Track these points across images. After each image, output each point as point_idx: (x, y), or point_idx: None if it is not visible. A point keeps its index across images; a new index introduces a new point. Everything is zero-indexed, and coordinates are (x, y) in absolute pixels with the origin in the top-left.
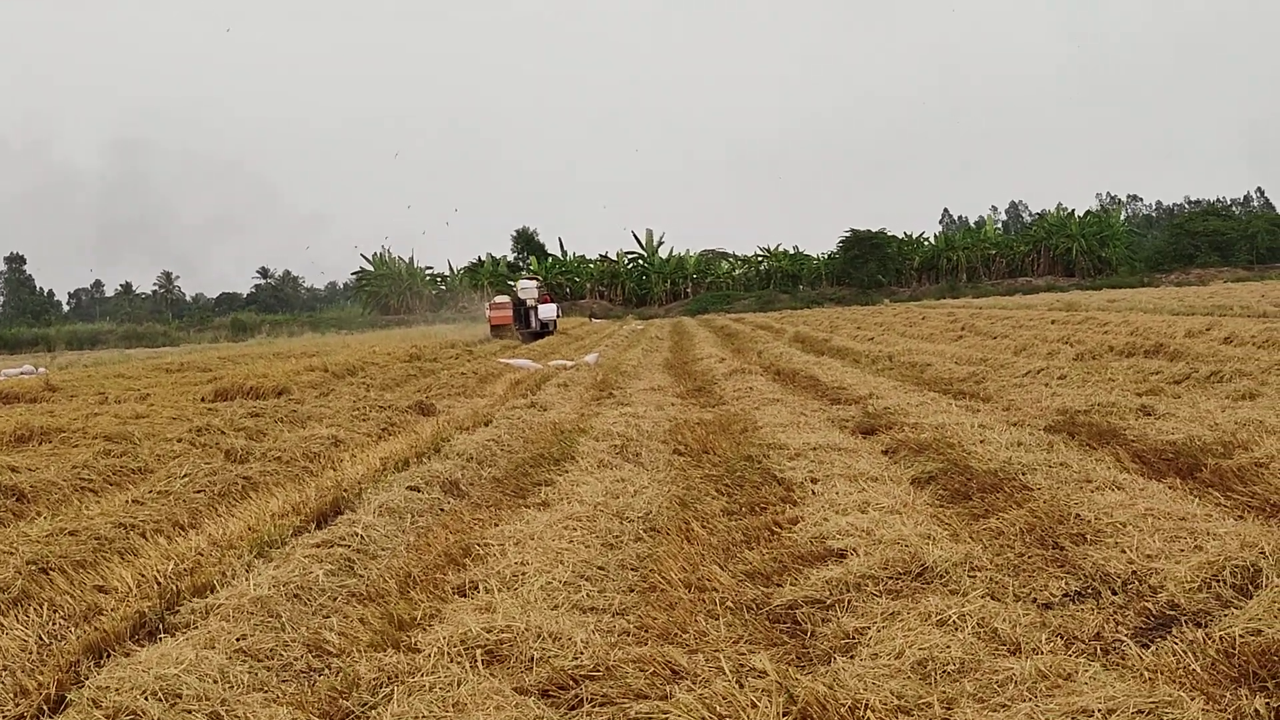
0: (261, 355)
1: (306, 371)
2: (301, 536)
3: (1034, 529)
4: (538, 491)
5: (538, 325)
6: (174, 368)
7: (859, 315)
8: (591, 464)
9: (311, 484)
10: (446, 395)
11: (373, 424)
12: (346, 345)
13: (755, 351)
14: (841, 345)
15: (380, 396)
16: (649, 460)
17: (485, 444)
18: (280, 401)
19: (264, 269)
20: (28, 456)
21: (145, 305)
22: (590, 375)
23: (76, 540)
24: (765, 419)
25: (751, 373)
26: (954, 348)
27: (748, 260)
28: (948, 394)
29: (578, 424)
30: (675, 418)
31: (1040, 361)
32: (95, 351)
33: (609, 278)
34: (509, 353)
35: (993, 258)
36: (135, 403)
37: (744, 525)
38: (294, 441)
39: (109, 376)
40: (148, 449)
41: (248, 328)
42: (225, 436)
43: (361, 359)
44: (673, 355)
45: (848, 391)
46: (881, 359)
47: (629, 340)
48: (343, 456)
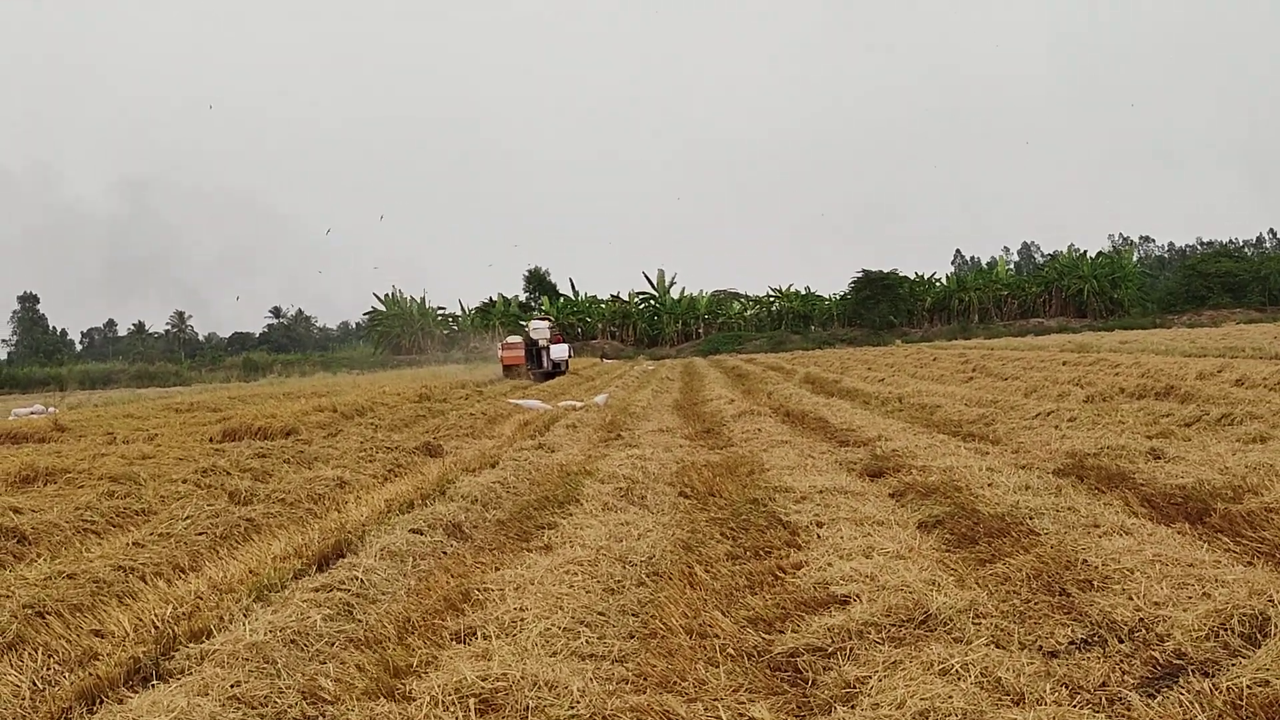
0: (272, 395)
1: (315, 412)
2: (301, 580)
3: (1041, 575)
4: (541, 535)
5: (550, 365)
6: (184, 407)
7: (870, 356)
8: (596, 507)
9: (315, 526)
10: (455, 436)
11: (379, 465)
12: (357, 385)
13: (765, 392)
14: (852, 386)
15: (388, 437)
16: (654, 503)
17: (490, 486)
18: (288, 442)
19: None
20: (32, 497)
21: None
22: (599, 416)
23: (75, 583)
24: (773, 461)
25: (761, 414)
26: (964, 389)
27: (759, 301)
28: (957, 436)
29: (584, 466)
30: (682, 460)
31: (1050, 403)
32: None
33: (620, 318)
34: (519, 393)
35: (1005, 298)
36: (143, 443)
37: (748, 570)
38: (299, 483)
39: (118, 416)
40: (152, 490)
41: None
42: (230, 478)
43: (371, 399)
44: (682, 396)
45: (856, 433)
46: (891, 400)
47: (639, 381)
48: (347, 498)
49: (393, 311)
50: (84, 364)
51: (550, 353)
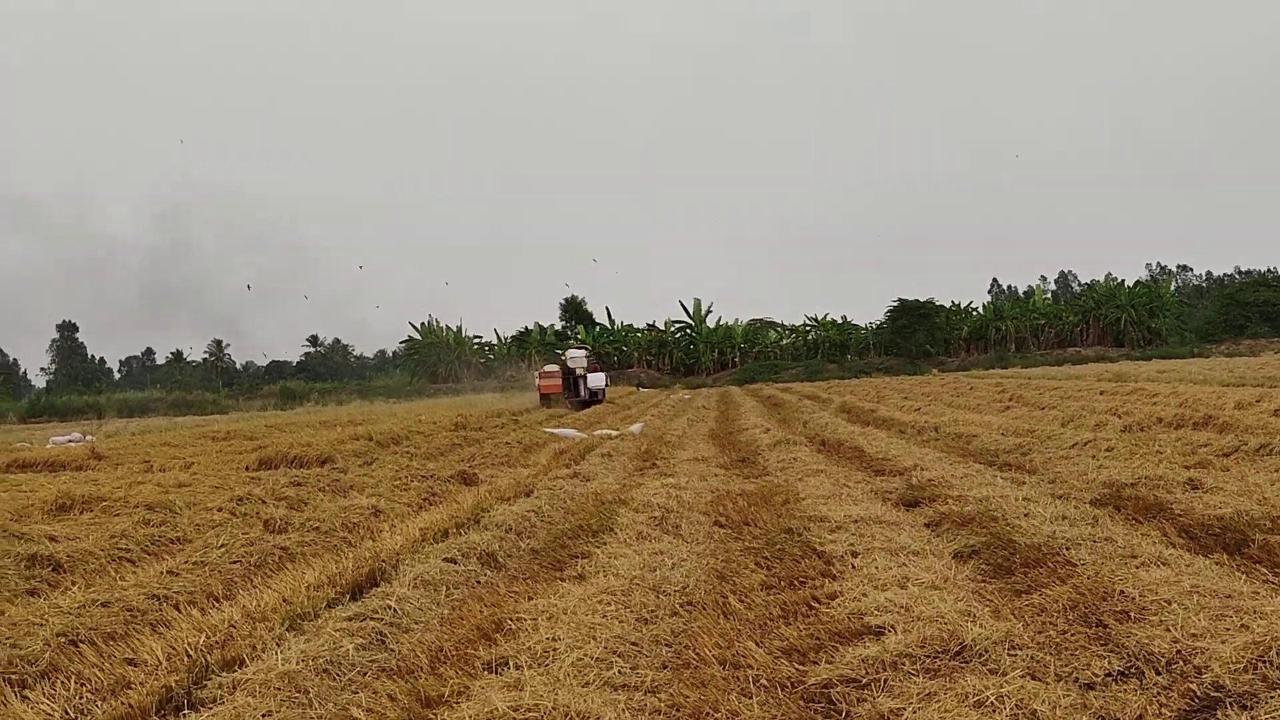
0: (308, 423)
1: (351, 440)
2: (335, 609)
3: (1077, 606)
4: (575, 564)
5: (587, 394)
6: (220, 436)
7: (906, 385)
8: (630, 536)
9: (349, 555)
10: (490, 465)
11: (414, 494)
12: (393, 413)
13: (801, 421)
14: (888, 415)
15: (423, 466)
16: (689, 532)
17: (525, 515)
18: (323, 470)
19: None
20: (68, 526)
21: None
22: (634, 445)
23: (109, 612)
24: (807, 491)
25: (796, 443)
26: (1001, 418)
27: (795, 330)
28: (993, 466)
29: (619, 495)
30: (717, 489)
31: (1088, 433)
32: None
33: (656, 347)
34: (554, 422)
35: (1042, 328)
36: (179, 471)
37: (782, 600)
38: (334, 511)
39: (155, 444)
40: (187, 518)
41: (297, 396)
42: (266, 506)
43: (407, 427)
44: (718, 425)
45: (892, 463)
46: (927, 430)
47: (675, 409)
48: (382, 527)
49: (429, 340)
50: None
51: (588, 381)
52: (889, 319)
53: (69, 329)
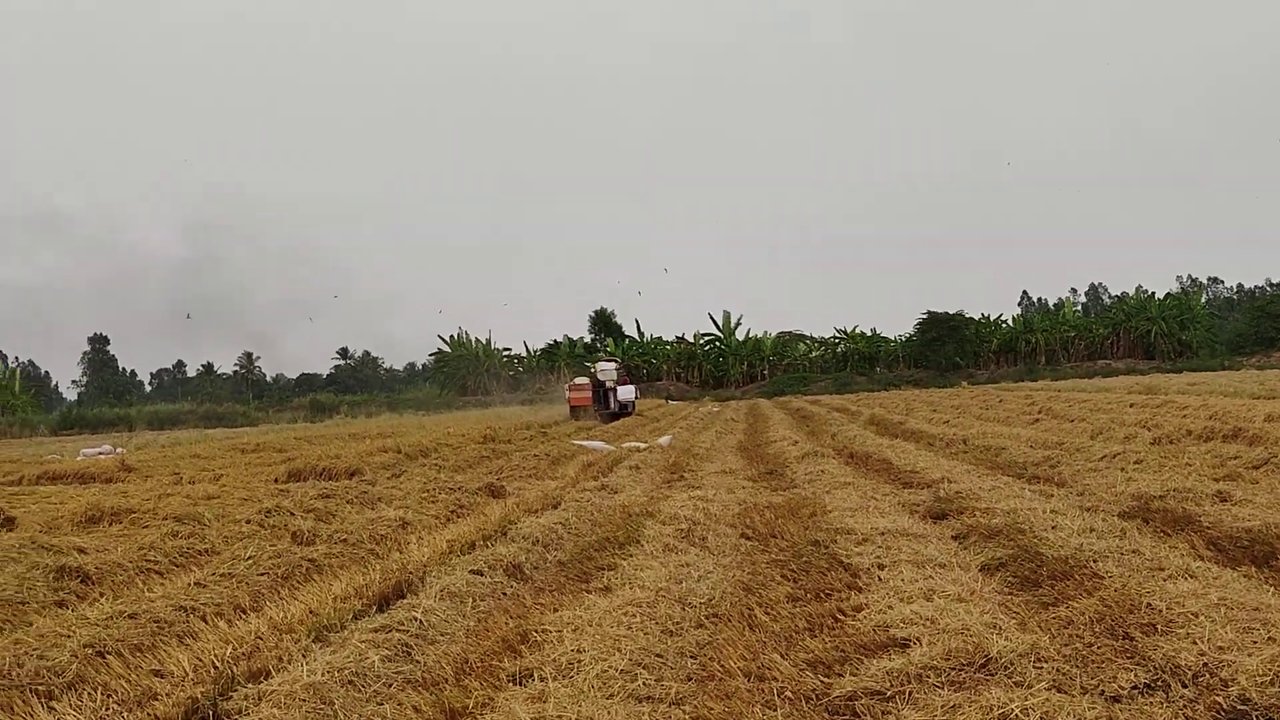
0: (337, 436)
1: (380, 452)
2: (361, 620)
3: (1104, 618)
4: (601, 576)
5: (616, 406)
6: (250, 448)
7: (935, 398)
8: (657, 548)
9: (376, 567)
10: (518, 477)
11: (441, 506)
12: (422, 426)
13: (829, 434)
14: (916, 428)
15: (451, 478)
16: (715, 544)
17: (552, 527)
18: (352, 483)
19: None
20: (97, 538)
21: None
22: (663, 458)
23: (136, 623)
24: (835, 503)
25: (824, 456)
26: (1030, 431)
27: (825, 342)
28: (1021, 478)
29: (646, 507)
30: (744, 501)
31: (1117, 445)
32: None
33: (686, 359)
34: (583, 434)
35: (1072, 340)
36: (208, 483)
37: (808, 612)
38: (361, 523)
39: (185, 457)
40: (215, 530)
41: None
42: (294, 518)
43: (435, 440)
44: (746, 438)
45: (920, 475)
46: (956, 442)
47: (704, 422)
48: (409, 539)
49: (458, 353)
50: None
51: (617, 394)
52: (918, 331)
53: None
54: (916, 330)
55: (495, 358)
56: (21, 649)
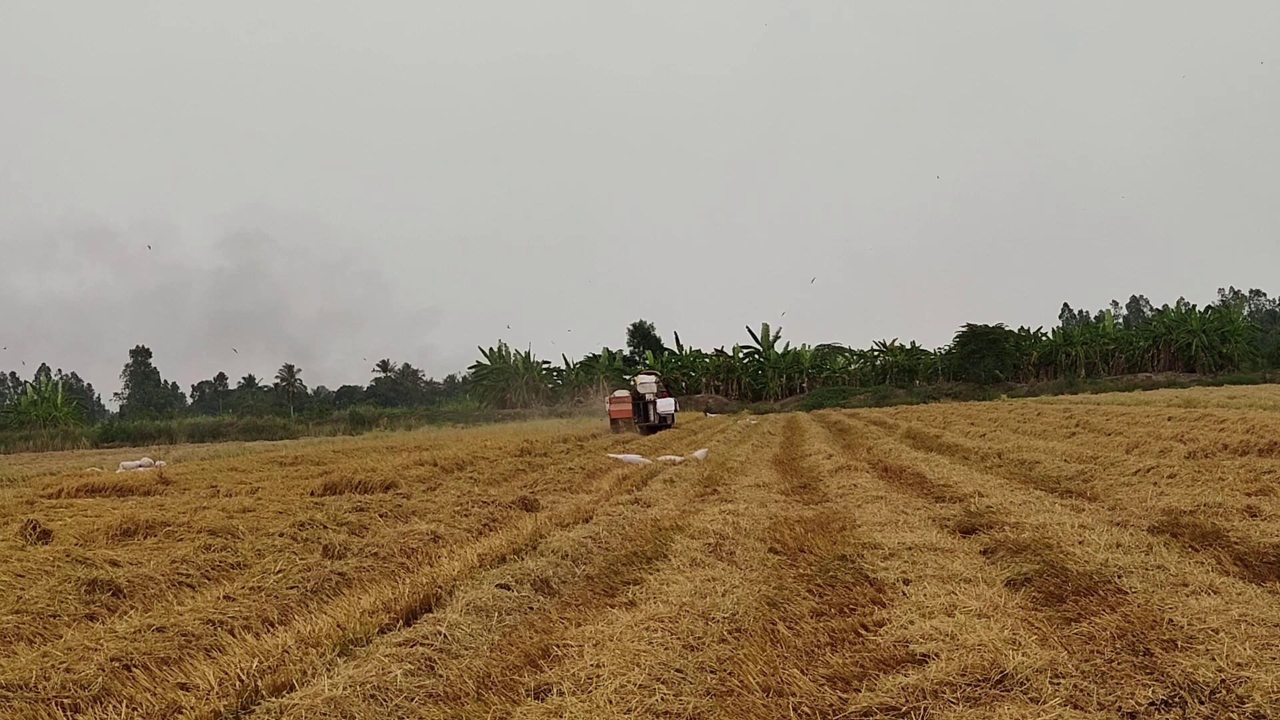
0: (375, 449)
1: (416, 466)
2: (387, 635)
3: (1125, 634)
4: (626, 590)
5: (656, 419)
6: (288, 461)
7: (973, 411)
8: (684, 562)
9: (405, 581)
10: (552, 491)
11: (474, 520)
12: (459, 439)
13: (865, 448)
14: (952, 442)
15: (485, 492)
16: (743, 559)
17: (582, 541)
18: (386, 496)
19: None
20: (131, 550)
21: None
22: (698, 471)
23: (163, 637)
24: (865, 517)
25: (858, 469)
26: (1065, 445)
27: (864, 355)
28: (1054, 492)
29: (677, 521)
30: (775, 515)
31: (1151, 460)
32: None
33: (724, 372)
34: (619, 447)
35: (1112, 353)
36: (244, 496)
37: (830, 627)
38: (393, 537)
39: (223, 470)
40: (249, 544)
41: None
42: (326, 531)
43: (472, 453)
44: (782, 451)
45: (952, 489)
46: (991, 456)
47: (741, 435)
48: (440, 552)
49: (497, 366)
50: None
51: (657, 406)
52: (958, 344)
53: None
54: (956, 343)
55: (534, 371)
56: (49, 662)
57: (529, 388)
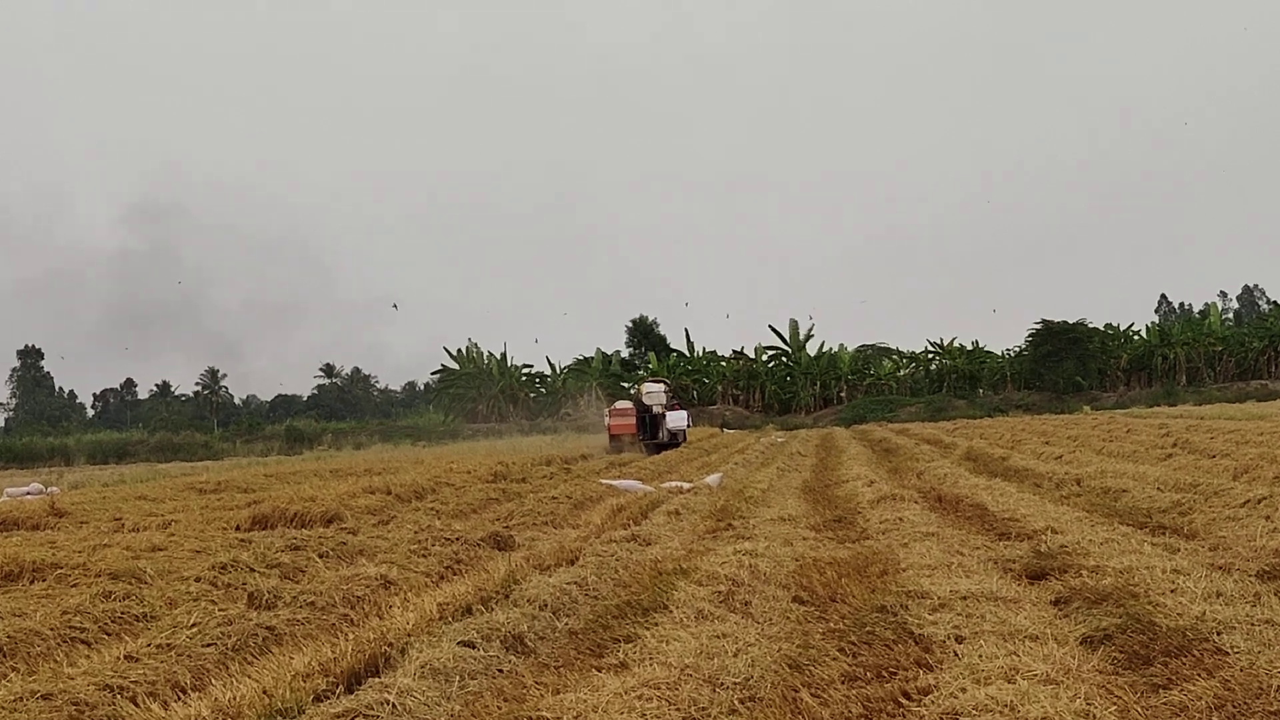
0: (316, 472)
1: (365, 494)
2: (323, 704)
3: (1224, 704)
4: (617, 649)
5: (665, 436)
6: (209, 487)
7: (1049, 427)
8: (688, 614)
9: (348, 636)
10: (530, 525)
11: (434, 561)
12: (420, 461)
13: (915, 472)
14: (1022, 465)
15: (449, 526)
16: (760, 610)
17: (565, 587)
18: (328, 531)
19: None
20: (15, 599)
21: (185, 410)
22: (710, 501)
23: (50, 705)
24: (911, 559)
25: (905, 499)
26: (1159, 469)
27: (915, 358)
28: (1144, 528)
29: (682, 563)
30: (802, 556)
31: (1264, 488)
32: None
33: (745, 379)
34: (614, 472)
35: (1220, 355)
36: (155, 531)
37: (865, 695)
38: (335, 582)
39: (129, 498)
40: (158, 591)
41: (306, 437)
42: (254, 575)
43: (434, 478)
44: (814, 476)
45: (1019, 524)
46: (1068, 482)
47: (764, 456)
48: (392, 601)
49: (467, 371)
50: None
51: (666, 420)
52: (1031, 345)
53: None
54: (1029, 343)
55: (512, 377)
56: None
57: (505, 397)
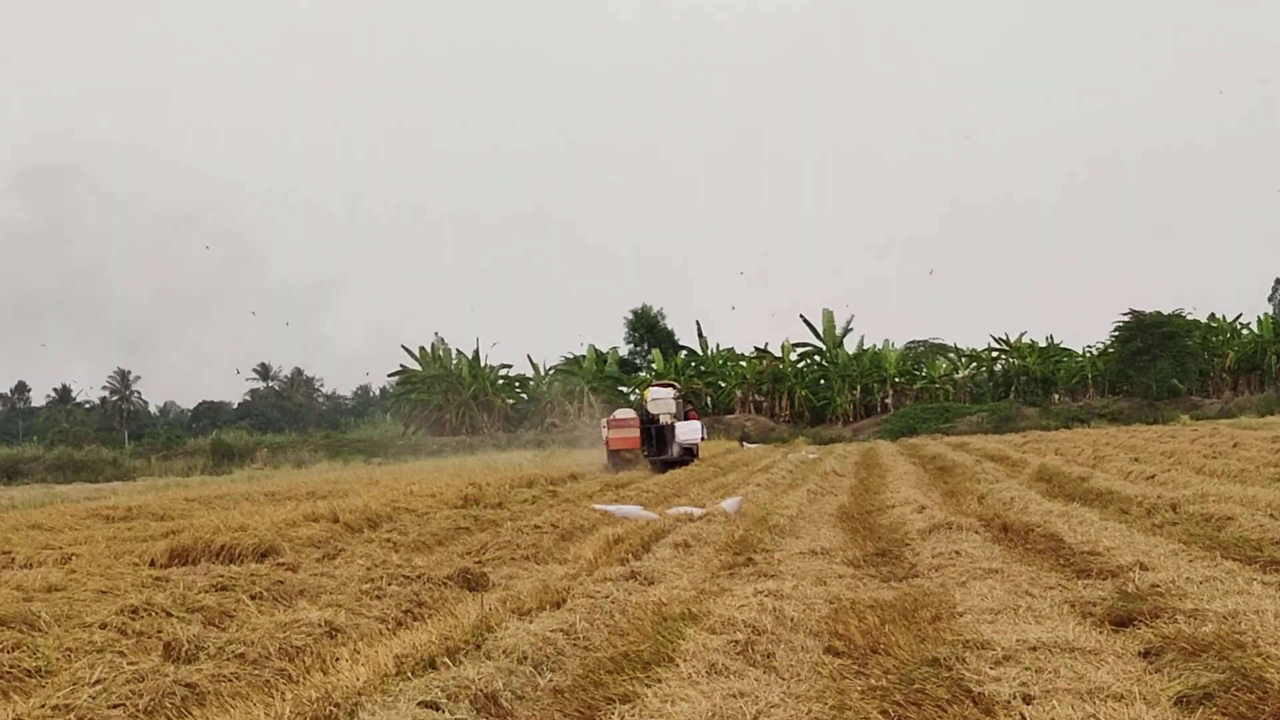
0: (248, 496)
1: (307, 522)
2: None
3: None
4: (612, 711)
5: (676, 451)
6: (118, 514)
7: (1139, 440)
8: (698, 669)
9: (287, 695)
10: (508, 560)
11: (391, 603)
12: (374, 482)
13: (975, 495)
14: (1105, 487)
15: (408, 561)
16: (786, 664)
17: (550, 636)
18: (263, 568)
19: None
20: None
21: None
22: (726, 530)
23: None
24: (969, 601)
25: (963, 528)
26: (1273, 492)
27: (976, 356)
28: (1253, 564)
29: (691, 606)
30: (838, 597)
31: None
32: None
33: (770, 382)
34: (610, 495)
35: None
36: (52, 568)
37: None
38: (269, 630)
39: (20, 527)
40: (54, 640)
41: (236, 453)
42: (171, 621)
43: (391, 502)
44: (852, 500)
45: (1102, 558)
46: (1161, 508)
47: (792, 476)
48: (339, 653)
49: (433, 373)
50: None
51: (677, 433)
52: (1117, 341)
53: None
54: (1114, 339)
55: (486, 379)
56: None
57: (478, 404)
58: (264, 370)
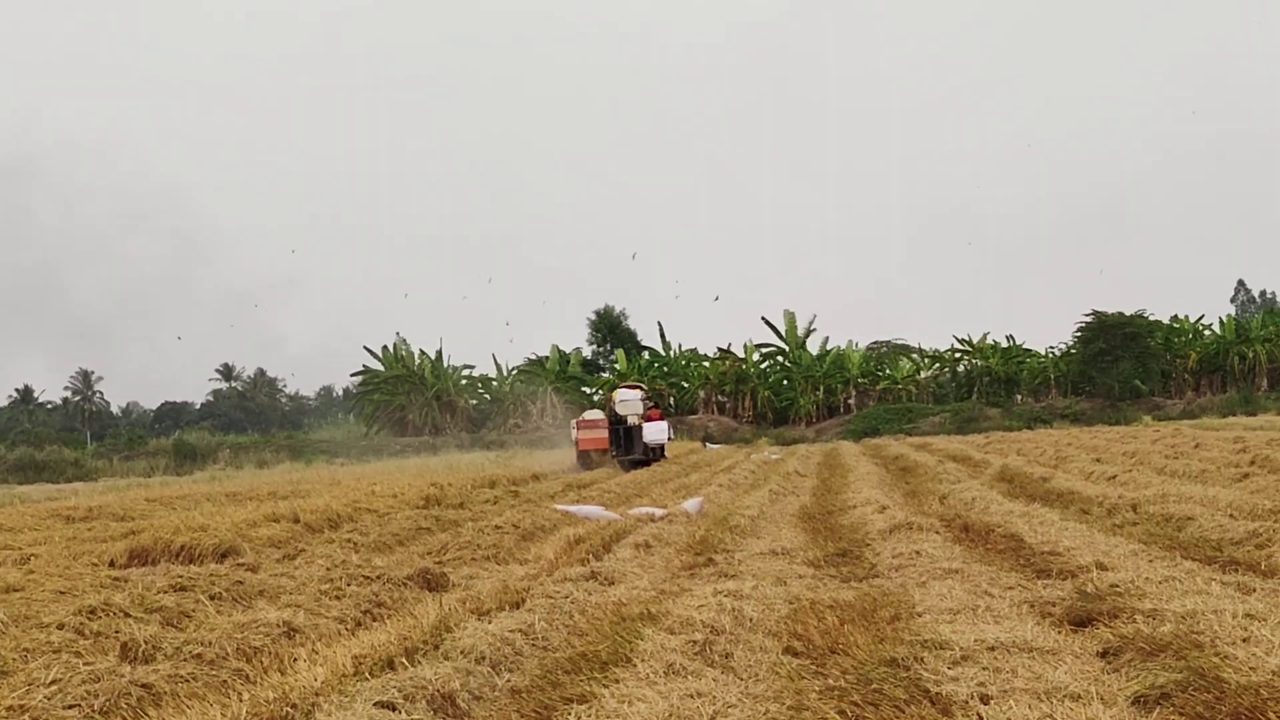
0: (209, 496)
1: (268, 522)
2: None
3: None
4: (569, 711)
5: (643, 451)
6: (78, 514)
7: (1101, 440)
8: (656, 669)
9: (244, 695)
10: (469, 560)
11: (350, 604)
12: (336, 482)
13: (937, 495)
14: (1066, 487)
15: (368, 561)
16: (744, 664)
17: (508, 636)
18: (222, 568)
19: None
20: None
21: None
22: (687, 531)
23: None
24: (929, 600)
25: (924, 528)
26: (1233, 492)
27: (939, 357)
28: (1212, 564)
29: (650, 606)
30: (798, 597)
31: None
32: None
33: (732, 383)
34: (572, 495)
35: None
36: (10, 568)
37: None
38: (228, 630)
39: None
40: (11, 640)
41: (199, 454)
42: (129, 621)
43: (352, 503)
44: (814, 500)
45: (1062, 558)
46: (1121, 508)
47: (754, 476)
48: (298, 653)
49: (395, 373)
50: None
51: (644, 432)
52: (1080, 342)
53: None
54: (1077, 340)
55: (450, 380)
56: None
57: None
58: (226, 370)
